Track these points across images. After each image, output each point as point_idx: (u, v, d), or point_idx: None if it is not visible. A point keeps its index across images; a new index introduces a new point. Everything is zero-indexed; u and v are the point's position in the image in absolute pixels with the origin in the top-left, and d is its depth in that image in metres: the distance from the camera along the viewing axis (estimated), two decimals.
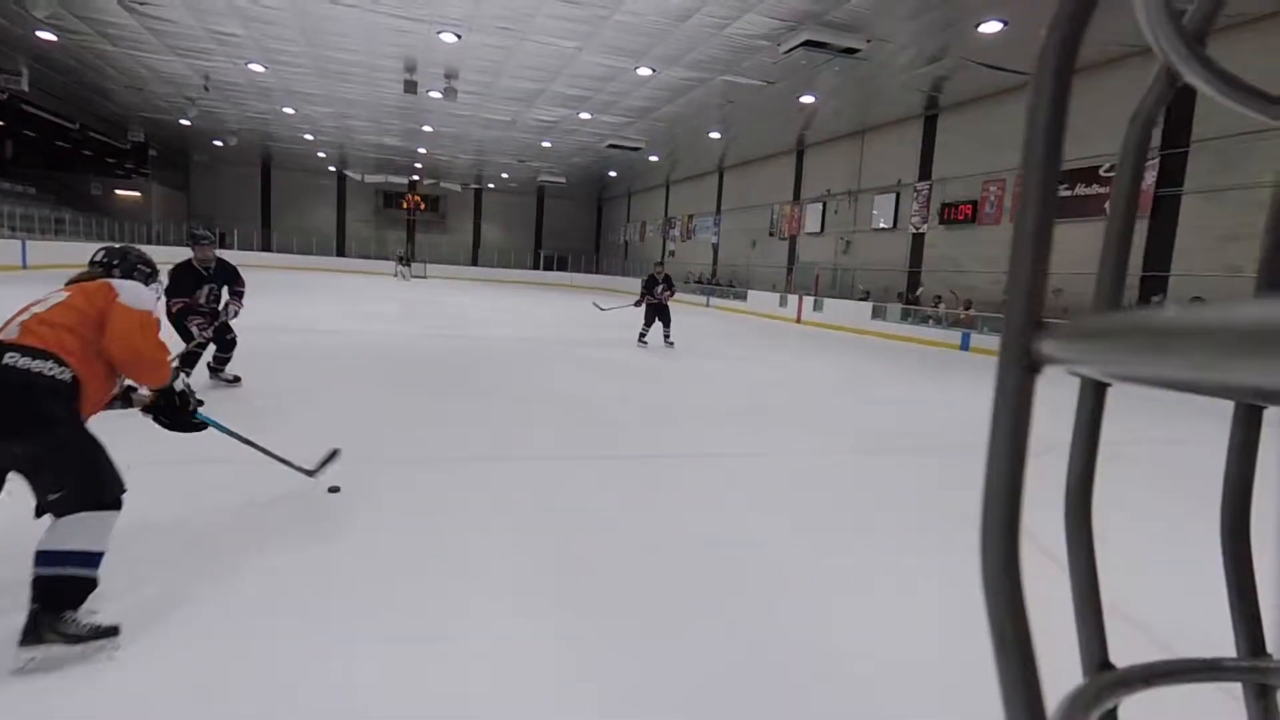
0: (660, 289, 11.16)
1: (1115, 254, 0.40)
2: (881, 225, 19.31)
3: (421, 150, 28.13)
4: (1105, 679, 0.37)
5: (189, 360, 5.14)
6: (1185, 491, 4.54)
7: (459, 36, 13.82)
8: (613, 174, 32.00)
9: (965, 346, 14.82)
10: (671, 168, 28.97)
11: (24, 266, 17.64)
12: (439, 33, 13.67)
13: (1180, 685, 0.37)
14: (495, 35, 13.73)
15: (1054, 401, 0.60)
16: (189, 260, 5.11)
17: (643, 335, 11.35)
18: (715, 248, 28.36)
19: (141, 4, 13.01)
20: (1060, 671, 0.42)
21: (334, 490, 3.52)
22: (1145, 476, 4.90)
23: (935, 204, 17.33)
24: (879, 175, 19.44)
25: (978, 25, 11.88)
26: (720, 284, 26.51)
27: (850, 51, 13.17)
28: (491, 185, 37.45)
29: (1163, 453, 5.84)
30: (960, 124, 16.84)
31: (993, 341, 13.96)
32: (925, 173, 17.82)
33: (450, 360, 8.64)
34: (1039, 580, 0.41)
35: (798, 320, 20.42)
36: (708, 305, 25.72)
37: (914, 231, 18.07)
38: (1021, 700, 0.29)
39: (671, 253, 32.03)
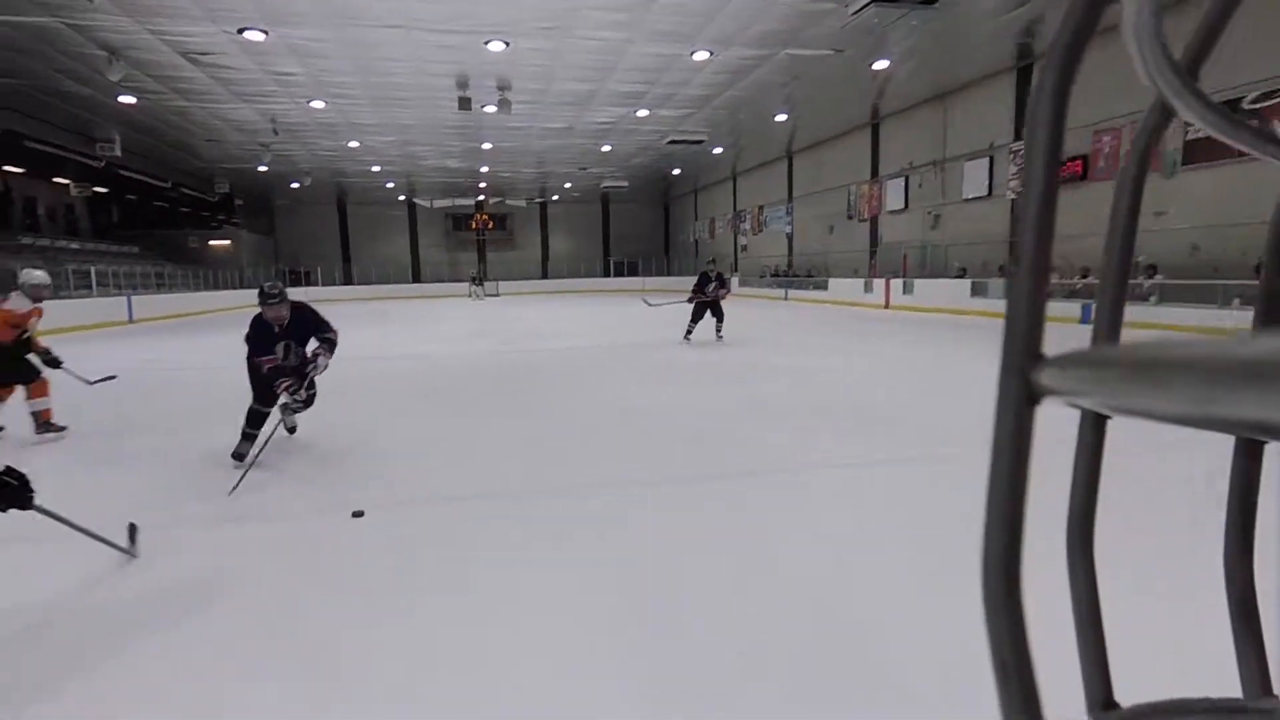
0: (713, 286, 10.99)
1: (1114, 287, 0.39)
2: (974, 195, 17.58)
3: (484, 169, 28.27)
4: (1109, 719, 0.36)
5: (254, 421, 4.50)
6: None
7: (506, 44, 13.41)
8: (676, 171, 31.19)
9: (1086, 319, 13.10)
10: (736, 158, 27.87)
11: (130, 320, 18.61)
12: (486, 42, 13.30)
13: None
14: (541, 38, 13.23)
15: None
16: (261, 315, 4.53)
17: (689, 332, 11.14)
18: (789, 237, 27.01)
19: (203, 55, 13.31)
20: (1064, 703, 0.40)
21: (358, 515, 3.41)
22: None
23: None
24: (968, 140, 17.71)
25: None
26: (798, 275, 25.15)
27: (927, 2, 11.85)
28: (555, 197, 37.43)
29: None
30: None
31: (1131, 312, 12.21)
32: (1023, 129, 16.03)
33: (510, 377, 8.10)
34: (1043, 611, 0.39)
35: (886, 306, 18.99)
36: (785, 298, 24.46)
37: (1014, 197, 16.29)
38: None
39: (744, 248, 30.87)
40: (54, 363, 5.39)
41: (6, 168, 23.60)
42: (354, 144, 22.26)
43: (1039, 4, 12.48)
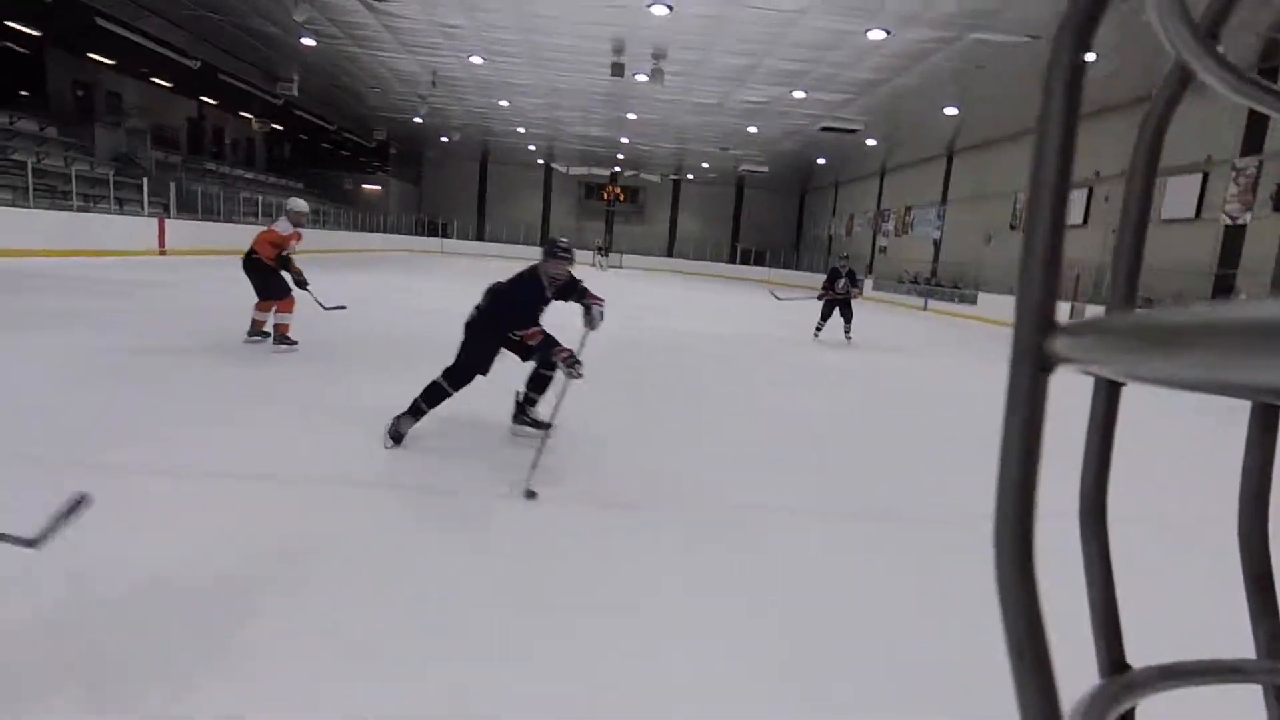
0: (843, 283, 10.55)
1: (1129, 252, 0.40)
2: (1176, 215, 15.26)
3: (624, 140, 28.03)
4: (1122, 680, 0.36)
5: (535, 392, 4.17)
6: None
7: (670, 8, 12.83)
8: (821, 161, 29.60)
9: None
10: (889, 153, 26.00)
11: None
12: (649, 5, 12.78)
13: (1199, 687, 0.37)
14: (710, 3, 12.54)
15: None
16: (535, 272, 3.84)
17: (818, 329, 10.82)
18: (937, 243, 24.98)
19: (380, 1, 13.68)
20: (1075, 674, 0.40)
21: (531, 495, 3.10)
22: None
23: (1267, 186, 13.16)
24: (1174, 152, 15.33)
25: None
26: (942, 284, 23.19)
27: None
28: (690, 176, 36.74)
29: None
30: None
31: None
32: (1252, 146, 13.64)
33: (638, 359, 7.61)
34: (1052, 580, 0.38)
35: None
36: (925, 308, 22.64)
37: (1229, 223, 13.95)
38: (1037, 704, 0.29)
39: (883, 249, 28.96)
40: (302, 284, 5.99)
41: (203, 98, 25.92)
42: (504, 103, 22.59)
43: None
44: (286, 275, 5.93)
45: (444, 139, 31.05)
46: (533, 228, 37.33)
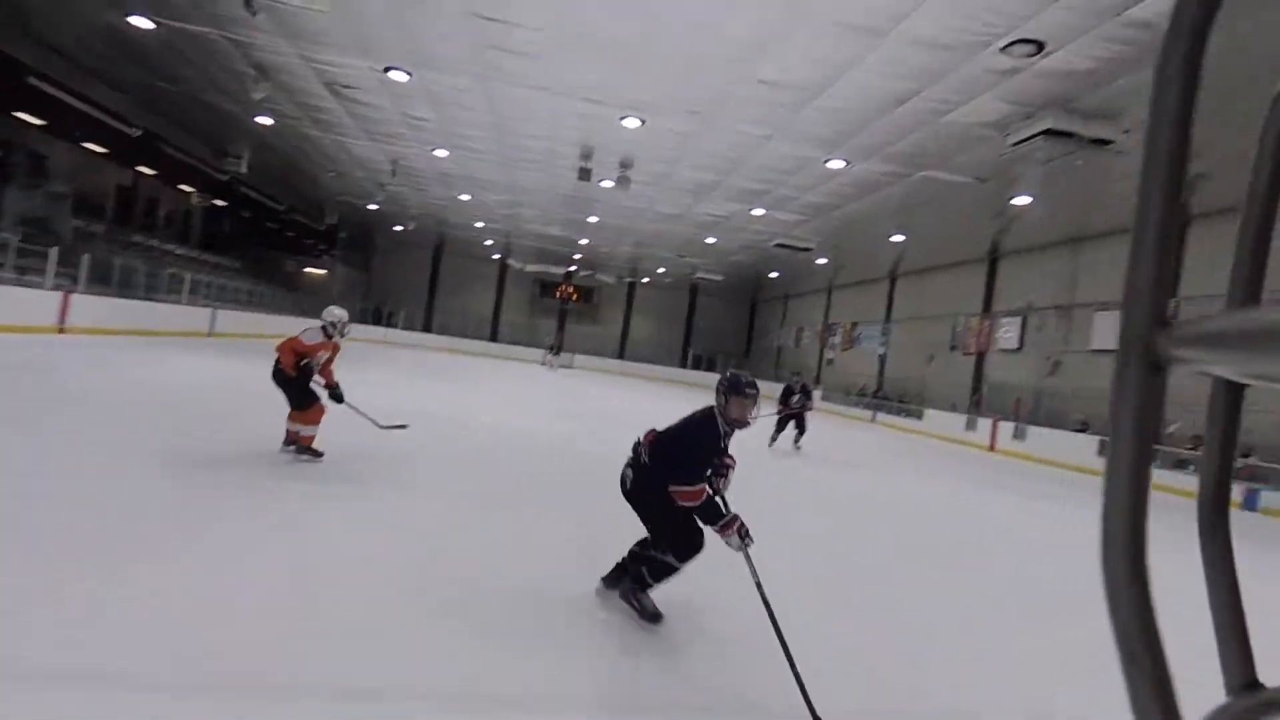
0: (796, 398, 11.17)
1: (1253, 244, 0.37)
2: (1106, 347, 15.95)
3: (583, 241, 28.30)
4: (1252, 699, 0.33)
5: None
6: None
7: (643, 121, 13.07)
8: (773, 275, 30.54)
9: (1252, 506, 11.26)
10: (837, 271, 27.03)
11: (209, 333, 18.60)
12: (622, 118, 12.99)
13: None
14: (682, 120, 12.83)
15: None
16: (712, 415, 3.25)
17: (773, 439, 11.12)
18: (882, 359, 25.60)
19: (346, 88, 13.48)
20: (1196, 691, 0.37)
21: None
22: None
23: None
24: (1102, 289, 16.28)
25: None
26: (888, 398, 23.54)
27: (1101, 142, 10.87)
28: (646, 279, 37.30)
29: None
30: (1220, 232, 13.61)
31: None
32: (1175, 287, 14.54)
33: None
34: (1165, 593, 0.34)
35: (991, 448, 17.22)
36: (873, 420, 22.82)
37: None
38: (1154, 716, 0.28)
39: (830, 361, 29.54)
40: (337, 398, 5.68)
41: (140, 168, 24.89)
42: (465, 197, 22.51)
43: (1201, 164, 11.37)
44: (320, 386, 5.57)
45: (398, 227, 30.68)
46: (483, 321, 36.75)
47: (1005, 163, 12.49)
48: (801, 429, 11.23)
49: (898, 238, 19.82)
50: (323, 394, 5.57)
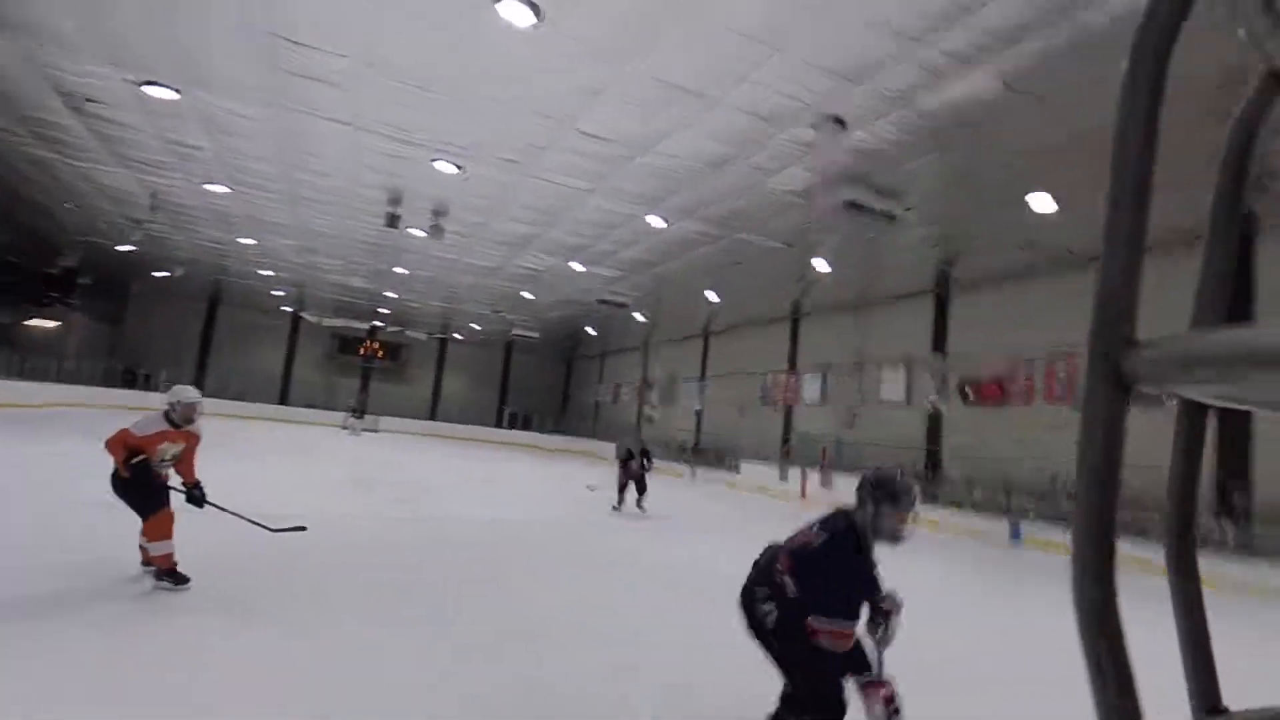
0: (635, 463, 11.34)
1: (1217, 264, 0.37)
2: (891, 398, 17.74)
3: (390, 294, 26.27)
4: None
5: None
6: None
7: (459, 168, 12.30)
8: (591, 331, 30.60)
9: (1017, 536, 12.67)
10: (653, 328, 27.72)
11: None
12: (434, 160, 12.12)
13: None
14: (500, 169, 12.26)
15: None
16: (851, 526, 2.61)
17: (618, 503, 11.35)
18: (699, 414, 26.42)
19: (89, 101, 11.15)
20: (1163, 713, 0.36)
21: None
22: None
23: (954, 380, 15.89)
24: (886, 348, 18.19)
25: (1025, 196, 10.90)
26: (705, 450, 24.15)
27: (889, 217, 12.13)
28: (458, 336, 35.56)
29: None
30: (979, 301, 15.88)
31: (1047, 532, 11.89)
32: (939, 346, 16.60)
33: (427, 567, 5.82)
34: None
35: (802, 496, 18.09)
36: (693, 476, 23.20)
37: (931, 410, 16.45)
38: None
39: (649, 418, 29.88)
40: (196, 500, 4.75)
41: None
42: (249, 241, 19.80)
43: (955, 245, 13.34)
44: (176, 487, 4.63)
45: (161, 273, 26.20)
46: (271, 382, 32.47)
47: (808, 229, 13.51)
48: (642, 489, 11.43)
49: (713, 296, 20.74)
50: (179, 497, 4.64)
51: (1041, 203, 10.91)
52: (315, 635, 3.82)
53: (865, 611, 2.53)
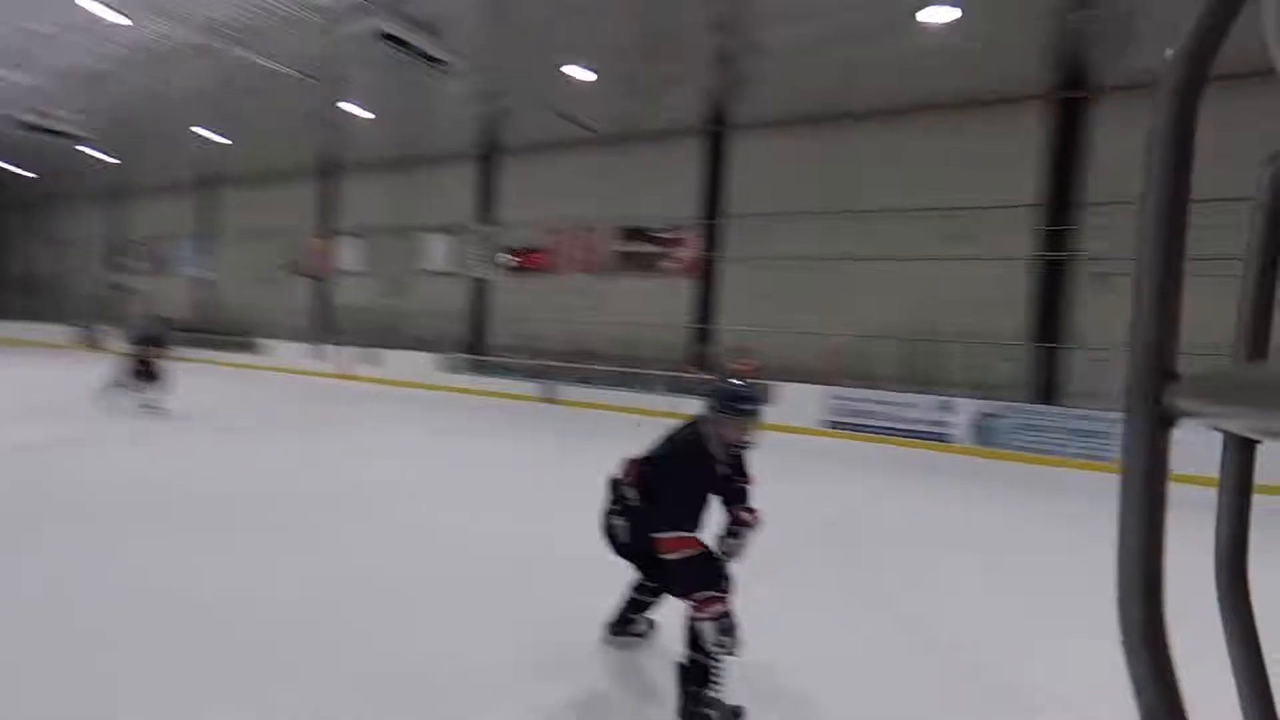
0: (152, 348, 9.40)
1: (1255, 298, 0.35)
2: (434, 268, 17.17)
3: None
4: None
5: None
6: None
7: None
8: (20, 172, 21.50)
9: (550, 397, 13.89)
10: (128, 172, 20.93)
11: None
12: None
13: None
14: None
15: None
16: (697, 435, 2.63)
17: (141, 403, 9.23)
18: (206, 285, 21.54)
19: None
20: None
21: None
22: None
23: (500, 249, 16.12)
24: (435, 212, 17.29)
25: (561, 67, 10.96)
26: (219, 333, 19.85)
27: (436, 62, 10.73)
28: None
29: None
30: (525, 167, 16.04)
31: (576, 392, 13.26)
32: (487, 215, 16.50)
33: None
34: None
35: (349, 377, 16.58)
36: (208, 361, 19.06)
37: (477, 276, 16.49)
38: None
39: (128, 290, 23.14)
40: None
41: None
42: None
43: (504, 102, 13.07)
44: None
45: None
46: None
47: (333, 61, 11.25)
48: (157, 381, 9.32)
49: (210, 134, 16.33)
50: None
51: (579, 72, 11.12)
52: None
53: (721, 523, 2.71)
